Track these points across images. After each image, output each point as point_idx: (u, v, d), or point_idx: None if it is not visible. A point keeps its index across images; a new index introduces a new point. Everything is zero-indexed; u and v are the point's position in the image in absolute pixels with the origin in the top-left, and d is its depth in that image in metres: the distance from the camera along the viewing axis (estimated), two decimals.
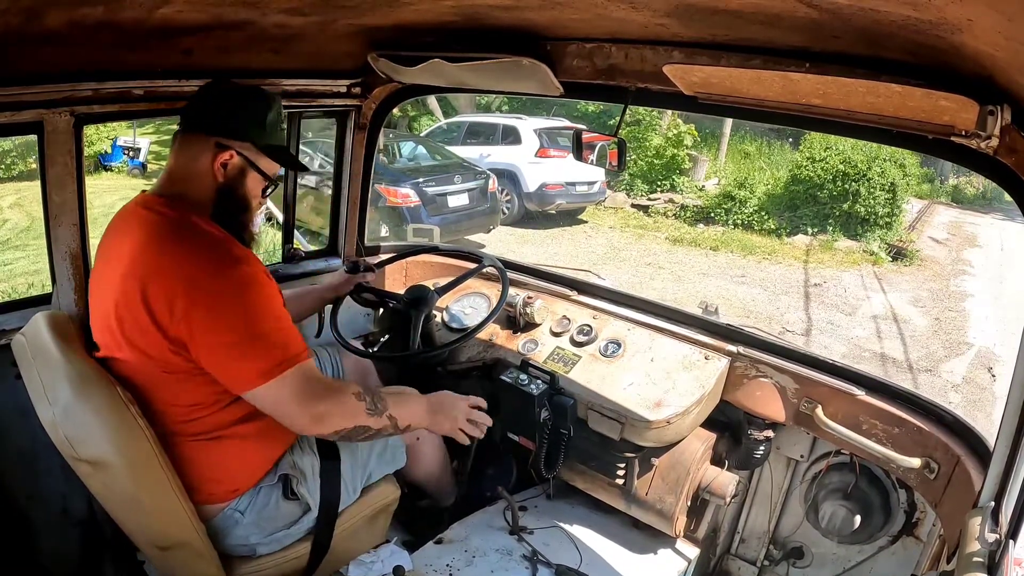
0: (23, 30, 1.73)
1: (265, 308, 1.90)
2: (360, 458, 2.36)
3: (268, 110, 2.07)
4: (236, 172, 2.05)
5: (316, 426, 1.97)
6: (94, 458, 1.78)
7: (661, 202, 16.37)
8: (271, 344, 1.87)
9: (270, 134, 2.09)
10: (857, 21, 1.39)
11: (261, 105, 2.07)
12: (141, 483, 1.82)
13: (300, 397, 1.90)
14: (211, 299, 1.83)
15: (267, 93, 2.11)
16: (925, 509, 2.64)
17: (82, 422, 1.76)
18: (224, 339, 1.84)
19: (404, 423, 2.15)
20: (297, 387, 1.90)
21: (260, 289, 1.91)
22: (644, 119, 17.60)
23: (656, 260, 12.69)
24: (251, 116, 2.05)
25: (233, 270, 1.88)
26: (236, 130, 2.03)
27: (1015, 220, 16.77)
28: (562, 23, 2.08)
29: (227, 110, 2.04)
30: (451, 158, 13.21)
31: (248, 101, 2.07)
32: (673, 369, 2.78)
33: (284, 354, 1.87)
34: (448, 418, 2.25)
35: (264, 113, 2.06)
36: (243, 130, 2.04)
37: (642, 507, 2.78)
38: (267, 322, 1.89)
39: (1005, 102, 1.46)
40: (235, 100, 2.06)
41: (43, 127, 2.13)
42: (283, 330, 1.92)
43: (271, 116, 2.08)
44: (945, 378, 8.38)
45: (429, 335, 3.11)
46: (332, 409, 1.96)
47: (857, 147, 14.87)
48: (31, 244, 10.16)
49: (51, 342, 1.86)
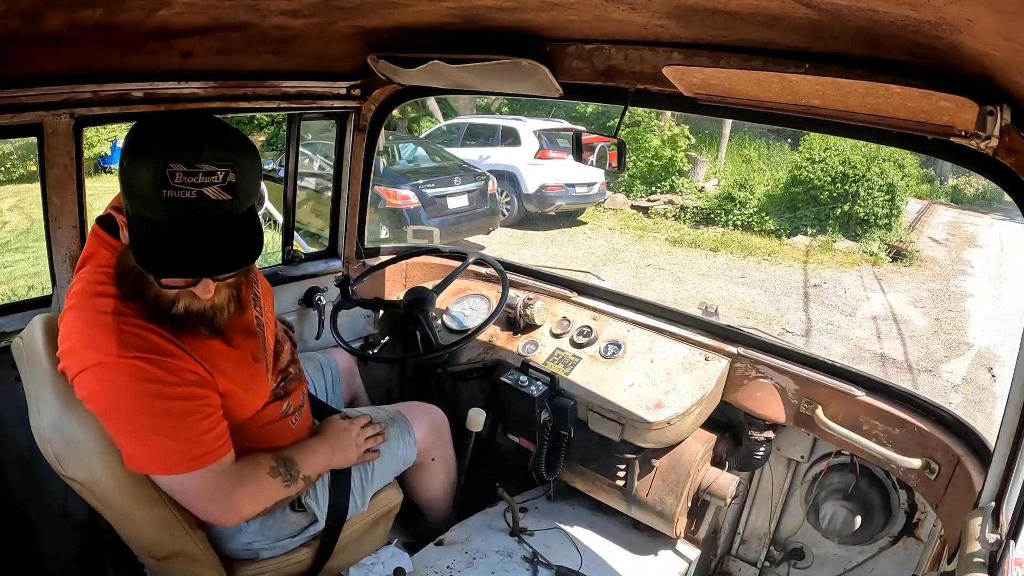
0: (22, 32, 1.73)
1: (160, 406, 1.68)
2: (371, 467, 2.36)
3: (131, 164, 1.55)
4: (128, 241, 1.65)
5: (231, 519, 1.92)
6: (81, 477, 1.76)
7: (661, 203, 16.38)
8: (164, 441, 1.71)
9: (136, 201, 1.56)
10: (856, 22, 1.39)
11: (129, 158, 1.56)
12: (132, 499, 1.80)
13: (213, 494, 1.82)
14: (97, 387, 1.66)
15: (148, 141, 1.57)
16: (926, 510, 2.64)
17: (69, 440, 1.74)
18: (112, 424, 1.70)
19: (316, 475, 2.12)
20: (209, 483, 1.80)
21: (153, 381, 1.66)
22: (643, 120, 17.61)
23: (656, 261, 12.69)
24: (124, 174, 1.57)
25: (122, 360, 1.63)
26: (121, 187, 1.61)
27: (1015, 220, 16.77)
28: (561, 24, 2.08)
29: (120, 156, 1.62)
30: (451, 160, 13.21)
31: (124, 150, 1.58)
32: (673, 370, 2.78)
33: (180, 455, 1.73)
34: (348, 449, 2.24)
35: (125, 166, 1.57)
36: (123, 190, 1.61)
37: (642, 508, 2.77)
38: (160, 420, 1.69)
39: (1004, 102, 1.46)
40: (123, 148, 1.60)
41: (43, 129, 2.13)
42: (184, 427, 1.72)
43: (133, 175, 1.54)
44: (945, 378, 8.37)
45: (429, 337, 3.11)
46: (250, 495, 1.90)
47: (856, 148, 14.88)
48: (31, 246, 10.17)
49: (43, 350, 1.82)
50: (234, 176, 1.56)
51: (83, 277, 1.77)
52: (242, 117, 15.70)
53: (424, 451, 2.58)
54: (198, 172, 1.52)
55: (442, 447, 2.70)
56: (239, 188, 1.58)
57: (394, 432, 2.46)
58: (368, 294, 3.39)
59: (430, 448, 2.62)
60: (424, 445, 2.57)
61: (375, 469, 2.37)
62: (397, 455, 2.46)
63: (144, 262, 1.58)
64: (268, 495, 1.95)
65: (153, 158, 1.51)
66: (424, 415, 2.64)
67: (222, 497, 1.84)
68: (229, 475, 1.84)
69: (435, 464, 2.68)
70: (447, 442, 2.74)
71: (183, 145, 1.52)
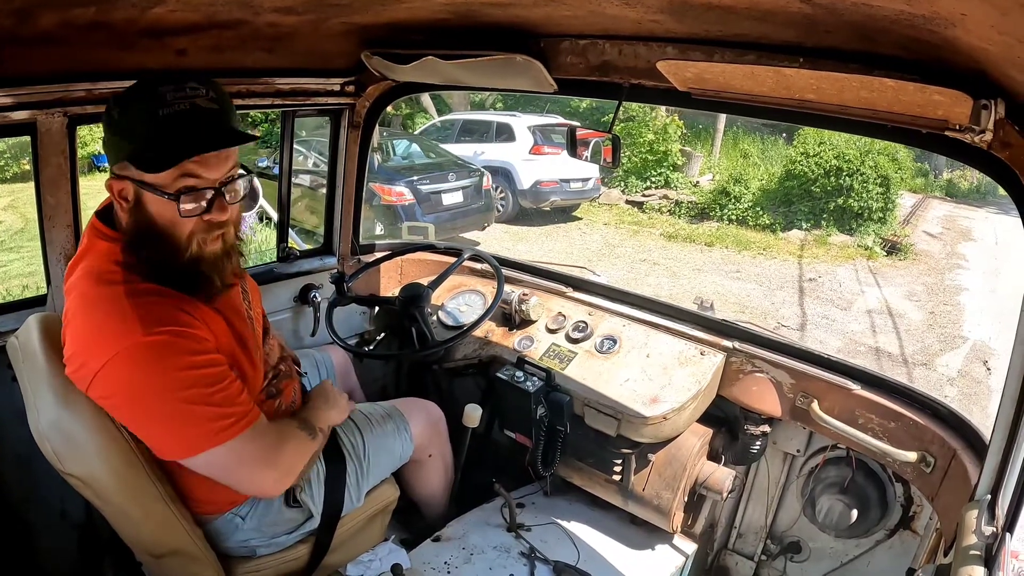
0: (15, 31, 1.72)
1: (194, 375, 1.68)
2: (366, 463, 2.35)
3: (119, 108, 1.65)
4: (131, 203, 1.71)
5: (283, 481, 1.91)
6: (80, 474, 1.75)
7: (655, 198, 16.39)
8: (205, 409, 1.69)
9: (135, 135, 1.65)
10: (850, 16, 1.39)
11: (115, 105, 1.67)
12: (129, 496, 1.79)
13: (261, 455, 1.82)
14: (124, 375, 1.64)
15: (133, 87, 1.67)
16: (922, 503, 2.65)
17: (67, 437, 1.73)
18: (145, 413, 1.70)
19: (327, 428, 2.15)
20: (251, 447, 1.79)
21: (183, 353, 1.67)
22: (637, 115, 17.60)
23: (651, 256, 12.70)
24: (109, 126, 1.68)
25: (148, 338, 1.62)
26: (110, 152, 1.71)
27: (1009, 214, 16.76)
28: (555, 20, 2.08)
29: (104, 127, 1.71)
30: (445, 156, 13.20)
31: (109, 110, 1.68)
32: (669, 365, 2.78)
33: (223, 419, 1.72)
34: (338, 409, 2.24)
35: (115, 115, 1.66)
36: (112, 149, 1.70)
37: (639, 503, 2.78)
38: (195, 389, 1.68)
39: (999, 96, 1.47)
40: (106, 113, 1.69)
41: (36, 128, 2.12)
42: (219, 392, 1.72)
43: (126, 115, 1.65)
44: (941, 372, 8.40)
45: (424, 333, 3.11)
46: (293, 454, 1.92)
47: (851, 142, 14.87)
48: (25, 246, 10.11)
49: (39, 349, 1.81)
50: (215, 93, 1.69)
51: (83, 272, 1.74)
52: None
53: (421, 447, 2.57)
54: (185, 88, 1.64)
55: (439, 443, 2.70)
56: (225, 102, 1.71)
57: (390, 428, 2.46)
58: (363, 291, 3.39)
59: (427, 444, 2.62)
60: (421, 442, 2.57)
61: (371, 465, 2.36)
62: (394, 452, 2.46)
63: (159, 157, 1.62)
64: (306, 448, 1.97)
65: (141, 90, 1.64)
66: (421, 411, 2.63)
67: (273, 455, 1.85)
68: (271, 432, 1.86)
69: (432, 460, 2.68)
70: (444, 438, 2.74)
71: (166, 78, 1.64)
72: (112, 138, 1.68)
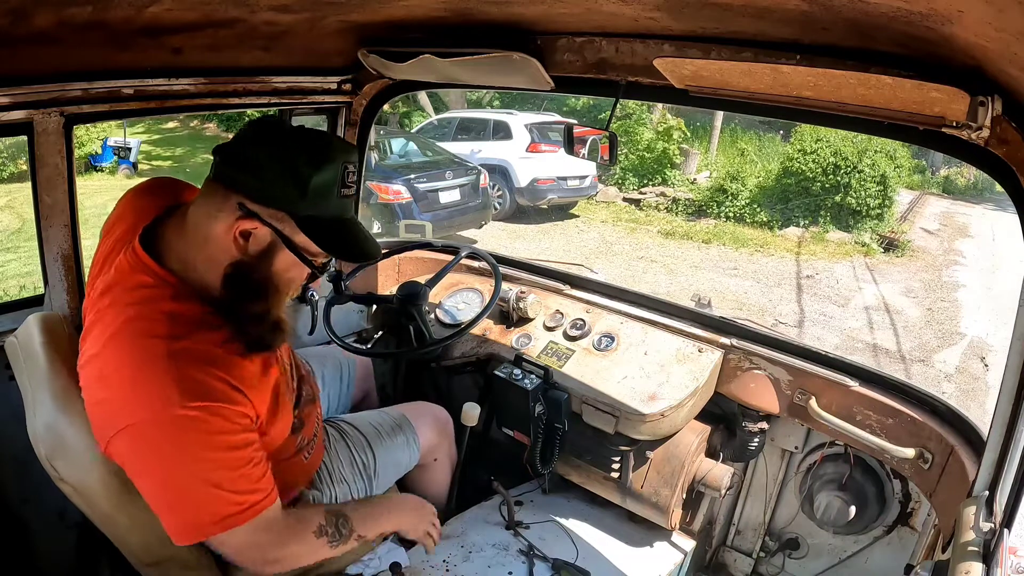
0: (11, 31, 1.72)
1: (220, 458, 1.58)
2: (375, 479, 2.35)
3: (315, 169, 1.56)
4: (261, 249, 1.61)
5: (272, 569, 1.79)
6: (71, 480, 1.73)
7: (653, 196, 16.38)
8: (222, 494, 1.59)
9: (315, 202, 1.58)
10: (847, 13, 1.39)
11: (306, 158, 1.57)
12: (119, 506, 1.75)
13: (256, 547, 1.71)
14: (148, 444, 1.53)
15: (325, 143, 1.62)
16: (920, 499, 2.65)
17: (61, 441, 1.71)
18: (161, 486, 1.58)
19: (373, 536, 2.03)
20: (254, 537, 1.68)
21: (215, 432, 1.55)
22: (634, 113, 17.60)
23: (648, 254, 12.70)
24: (289, 173, 1.56)
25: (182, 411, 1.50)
26: (264, 191, 1.56)
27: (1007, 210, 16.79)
28: (552, 17, 2.07)
29: (258, 160, 1.57)
30: (442, 154, 13.21)
31: (289, 150, 1.57)
32: (667, 362, 2.78)
33: (237, 505, 1.60)
34: (413, 530, 2.17)
35: (308, 172, 1.56)
36: (274, 192, 1.57)
37: (638, 500, 2.78)
38: (219, 472, 1.58)
39: (996, 93, 1.47)
40: (273, 147, 1.58)
41: (33, 128, 2.11)
42: (242, 477, 1.62)
43: (320, 178, 1.57)
44: (938, 368, 8.42)
45: (422, 331, 3.10)
46: (291, 554, 1.79)
47: (848, 139, 14.90)
48: (23, 246, 10.12)
49: (40, 350, 1.80)
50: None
51: (120, 311, 1.60)
52: (233, 113, 15.66)
53: (427, 452, 2.58)
54: (352, 172, 1.66)
55: (445, 447, 2.70)
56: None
57: (400, 441, 2.45)
58: (361, 289, 3.38)
59: (434, 449, 2.62)
60: (428, 447, 2.57)
61: (378, 480, 2.36)
62: (400, 463, 2.47)
63: (338, 252, 1.72)
64: (309, 556, 1.84)
65: (335, 160, 1.60)
66: (428, 417, 2.63)
67: (273, 552, 1.74)
68: (279, 524, 1.74)
69: (437, 464, 2.68)
70: (450, 441, 2.74)
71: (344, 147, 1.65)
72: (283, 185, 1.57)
